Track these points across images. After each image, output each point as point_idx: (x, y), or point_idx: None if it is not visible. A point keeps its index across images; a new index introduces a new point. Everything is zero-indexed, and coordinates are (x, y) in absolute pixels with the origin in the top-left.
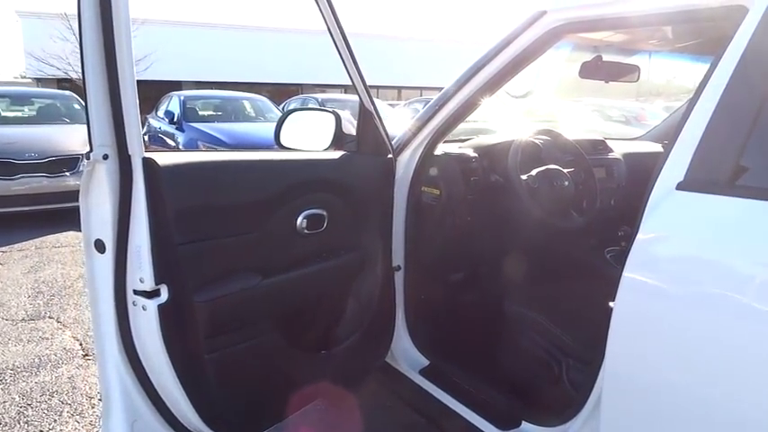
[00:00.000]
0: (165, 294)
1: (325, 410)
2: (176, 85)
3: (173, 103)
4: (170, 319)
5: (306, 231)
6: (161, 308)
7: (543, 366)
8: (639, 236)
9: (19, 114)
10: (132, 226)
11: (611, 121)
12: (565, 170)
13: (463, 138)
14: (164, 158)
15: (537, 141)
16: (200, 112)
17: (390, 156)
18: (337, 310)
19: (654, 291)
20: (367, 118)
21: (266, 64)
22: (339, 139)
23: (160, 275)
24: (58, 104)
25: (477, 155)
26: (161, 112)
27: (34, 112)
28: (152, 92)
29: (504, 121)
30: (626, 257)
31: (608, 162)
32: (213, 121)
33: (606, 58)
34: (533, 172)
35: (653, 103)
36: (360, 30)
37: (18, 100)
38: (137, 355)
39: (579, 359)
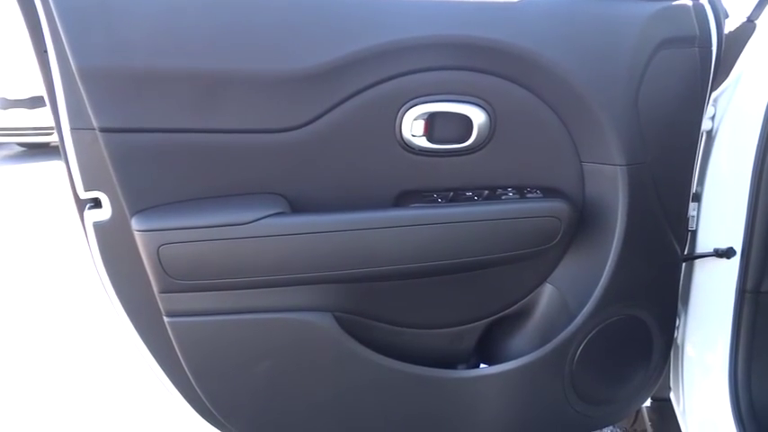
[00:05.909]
0: (105, 207)
1: None
2: None
3: None
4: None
5: (423, 145)
6: (99, 228)
7: None
8: None
9: None
10: None
11: None
12: None
13: None
14: None
15: None
16: None
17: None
18: (497, 294)
19: None
20: None
21: None
22: None
23: (92, 178)
24: None
25: None
26: None
27: None
28: None
29: None
30: None
31: None
32: None
33: None
34: None
35: None
36: None
37: None
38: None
39: None
